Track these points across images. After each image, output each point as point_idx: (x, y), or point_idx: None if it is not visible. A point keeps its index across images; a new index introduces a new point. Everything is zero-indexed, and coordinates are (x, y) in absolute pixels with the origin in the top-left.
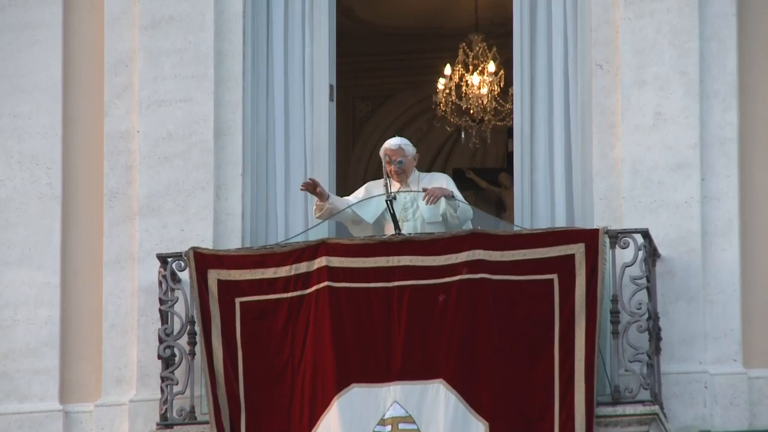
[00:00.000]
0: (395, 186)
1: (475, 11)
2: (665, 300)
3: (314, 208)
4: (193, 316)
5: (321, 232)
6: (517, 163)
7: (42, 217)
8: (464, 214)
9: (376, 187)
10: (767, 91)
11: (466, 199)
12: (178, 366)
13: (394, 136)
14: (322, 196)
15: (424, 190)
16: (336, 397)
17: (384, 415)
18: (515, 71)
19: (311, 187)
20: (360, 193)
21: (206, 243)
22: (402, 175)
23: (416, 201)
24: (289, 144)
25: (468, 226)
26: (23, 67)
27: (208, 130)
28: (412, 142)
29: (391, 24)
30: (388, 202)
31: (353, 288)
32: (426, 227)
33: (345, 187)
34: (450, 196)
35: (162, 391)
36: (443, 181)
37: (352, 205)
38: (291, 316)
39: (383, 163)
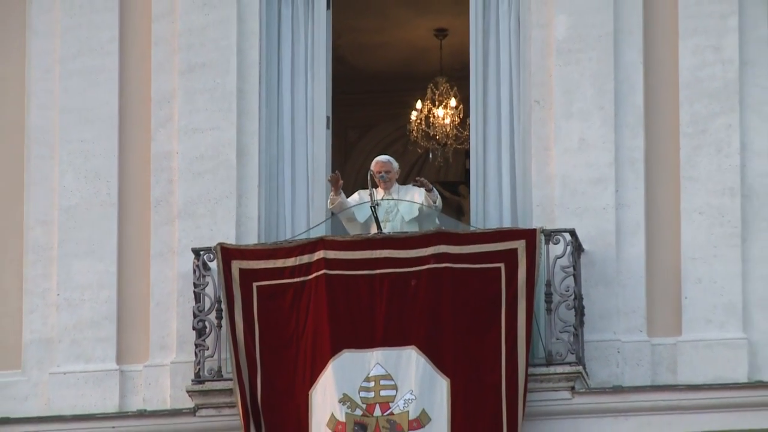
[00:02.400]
0: (380, 194)
1: (440, 59)
2: (587, 284)
3: (329, 200)
4: (219, 297)
5: (320, 231)
6: (473, 177)
7: (102, 219)
8: (433, 211)
9: (366, 195)
10: (667, 123)
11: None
12: (208, 335)
13: (380, 155)
14: (337, 191)
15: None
16: (331, 360)
17: (368, 374)
18: (471, 106)
19: (335, 180)
20: (355, 197)
21: (230, 240)
22: (388, 184)
23: (397, 206)
24: (295, 163)
25: (435, 226)
26: (88, 103)
27: (232, 152)
28: (396, 164)
29: (375, 69)
30: (372, 207)
31: (345, 275)
32: (405, 225)
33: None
34: (430, 189)
35: (196, 355)
36: (416, 192)
37: (353, 206)
38: (296, 296)
39: (368, 177)
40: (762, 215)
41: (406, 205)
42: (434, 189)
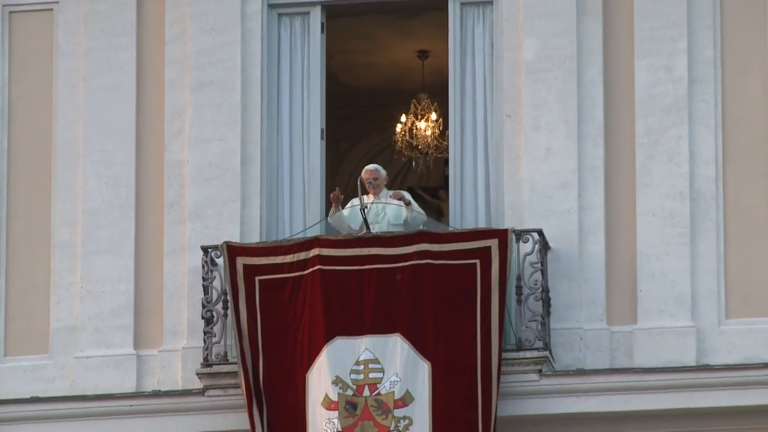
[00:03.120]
0: (371, 198)
1: (422, 77)
2: (553, 278)
3: (330, 211)
4: (225, 290)
5: (315, 231)
6: (451, 183)
7: (121, 220)
8: (419, 218)
9: (357, 201)
10: (624, 134)
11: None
12: (215, 324)
13: (369, 164)
14: (336, 207)
15: (395, 194)
16: (325, 346)
17: (358, 358)
18: (450, 119)
19: (335, 197)
20: (351, 204)
21: (235, 238)
22: (376, 189)
23: (385, 209)
24: (293, 170)
25: (419, 227)
26: (109, 117)
27: (236, 160)
28: (383, 168)
29: (364, 86)
30: (362, 210)
31: (337, 270)
32: (391, 227)
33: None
34: (407, 203)
35: (204, 341)
36: (403, 194)
37: (347, 208)
38: (294, 289)
39: (359, 183)
40: (708, 216)
41: (392, 209)
42: (412, 201)
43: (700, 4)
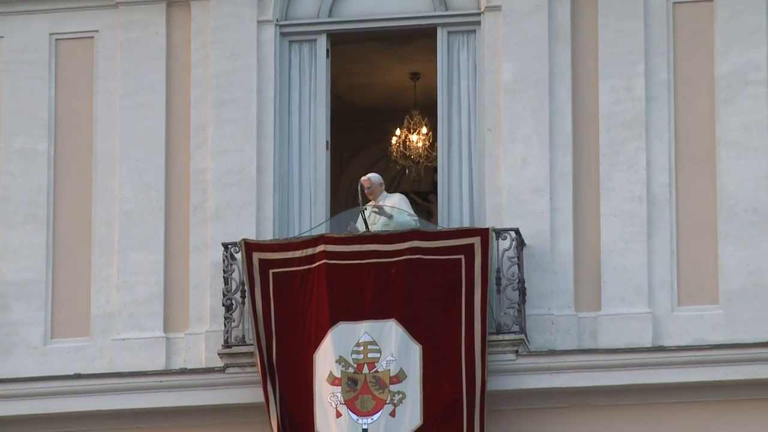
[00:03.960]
0: (370, 202)
1: (414, 96)
2: (528, 271)
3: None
4: (243, 281)
5: (320, 230)
6: (439, 188)
7: (152, 221)
8: (407, 225)
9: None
10: (589, 145)
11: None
12: (234, 310)
13: (367, 173)
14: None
15: (377, 208)
16: (330, 330)
17: (359, 341)
18: (439, 132)
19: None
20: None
21: (251, 236)
22: (372, 194)
23: (380, 212)
24: (302, 177)
25: (410, 226)
26: (142, 131)
27: (253, 169)
28: (381, 177)
29: (364, 104)
30: (361, 213)
31: (340, 264)
32: (385, 227)
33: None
34: (389, 216)
35: (225, 325)
36: (396, 198)
37: (353, 222)
38: (303, 280)
39: (359, 188)
40: (663, 217)
41: (394, 215)
42: (392, 214)
43: (656, 34)
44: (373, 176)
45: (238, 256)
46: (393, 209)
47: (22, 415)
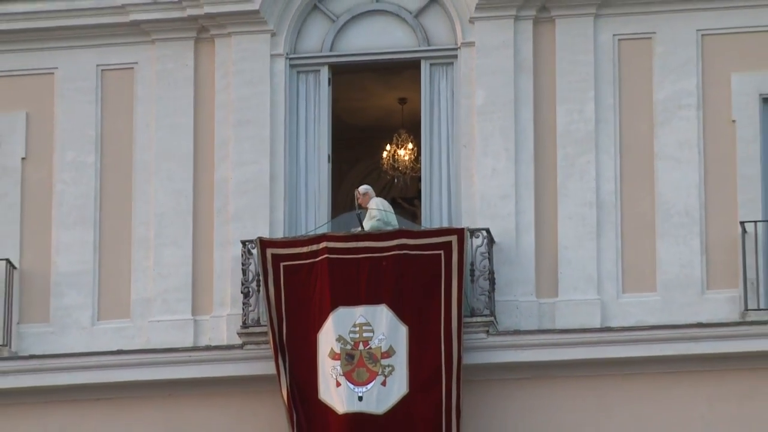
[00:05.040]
0: (375, 207)
1: (402, 117)
2: (497, 264)
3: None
4: (259, 272)
5: (323, 230)
6: (423, 194)
7: (182, 222)
8: (386, 225)
9: (373, 203)
10: (549, 159)
11: (396, 213)
12: (251, 297)
13: (362, 184)
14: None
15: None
16: (331, 313)
17: (355, 322)
18: (422, 148)
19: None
20: (372, 205)
21: (265, 235)
22: (363, 201)
23: (369, 214)
24: (307, 185)
25: (396, 226)
26: (173, 146)
27: (266, 178)
28: (370, 185)
29: (360, 124)
30: (357, 216)
31: (340, 258)
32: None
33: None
34: (374, 218)
35: (243, 309)
36: (374, 202)
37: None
38: (309, 272)
39: (355, 196)
40: (610, 219)
41: (383, 216)
42: (376, 213)
43: (604, 65)
44: (363, 188)
45: (255, 251)
46: (377, 210)
47: (74, 384)
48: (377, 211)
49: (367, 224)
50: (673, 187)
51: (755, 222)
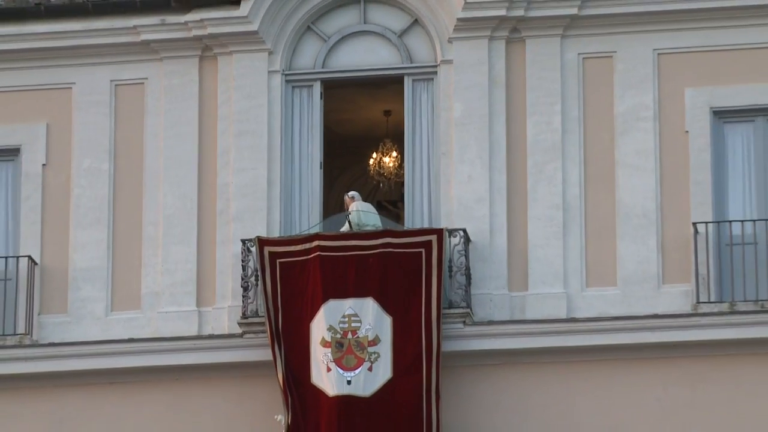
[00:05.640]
0: (355, 208)
1: (386, 128)
2: (473, 261)
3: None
4: (257, 268)
5: (315, 230)
6: (406, 198)
7: (188, 222)
8: (367, 225)
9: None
10: (520, 166)
11: (381, 215)
12: (250, 291)
13: (350, 189)
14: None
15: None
16: (322, 305)
17: (344, 313)
18: (406, 156)
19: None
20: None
21: (263, 234)
22: (350, 204)
23: (356, 216)
24: (302, 190)
25: (378, 226)
26: (180, 154)
27: (264, 183)
28: (358, 190)
29: (348, 134)
30: (346, 217)
31: (330, 255)
32: (363, 227)
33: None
34: (353, 221)
35: (243, 302)
36: (354, 205)
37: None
38: (303, 268)
39: (344, 200)
40: (574, 221)
41: (369, 219)
42: (352, 216)
43: (569, 81)
44: (351, 193)
45: (253, 249)
46: (354, 212)
47: (89, 369)
48: (354, 213)
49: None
50: (632, 191)
51: (706, 223)
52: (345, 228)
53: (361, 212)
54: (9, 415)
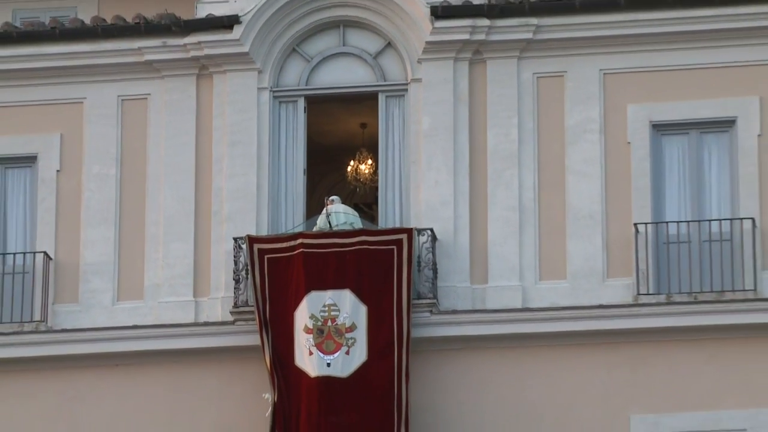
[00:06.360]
0: (333, 210)
1: (362, 138)
2: (439, 257)
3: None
4: (247, 263)
5: (299, 229)
6: (380, 201)
7: (186, 222)
8: (355, 224)
9: (324, 213)
10: (480, 172)
11: (360, 216)
12: (241, 283)
13: (330, 193)
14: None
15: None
16: (305, 296)
17: (325, 303)
18: (380, 164)
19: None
20: (323, 214)
21: (252, 232)
22: (329, 206)
23: (336, 217)
24: (288, 194)
25: (359, 226)
26: (179, 161)
27: (254, 187)
28: (337, 194)
29: (329, 143)
30: (327, 218)
31: (313, 252)
32: (342, 227)
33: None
34: (330, 221)
35: (234, 293)
36: (333, 208)
37: (319, 224)
38: (288, 263)
39: (325, 202)
40: (529, 222)
41: (348, 218)
42: (332, 216)
43: (525, 97)
44: (332, 197)
45: (244, 246)
46: (339, 213)
47: (98, 352)
48: (331, 215)
49: (321, 220)
50: (580, 195)
51: (646, 224)
52: (317, 226)
53: (333, 213)
54: (26, 393)
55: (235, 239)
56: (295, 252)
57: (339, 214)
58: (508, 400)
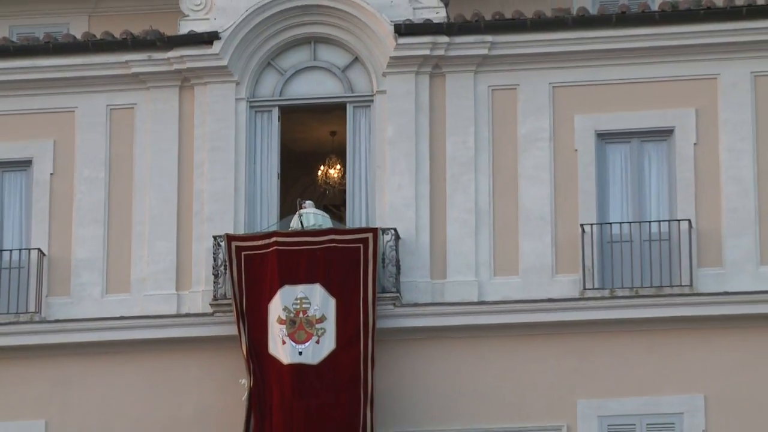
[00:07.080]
0: (305, 211)
1: (332, 145)
2: (402, 255)
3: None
4: (225, 259)
5: (273, 228)
6: (348, 203)
7: (169, 222)
8: (325, 224)
9: (297, 214)
10: (440, 177)
11: (330, 217)
12: (220, 278)
13: (302, 196)
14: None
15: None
16: (279, 289)
17: (297, 297)
18: (348, 169)
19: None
20: (296, 216)
21: (230, 231)
22: (301, 208)
23: (308, 218)
24: (262, 195)
25: (329, 225)
26: (163, 166)
27: (232, 190)
28: (309, 198)
29: (301, 149)
30: (299, 219)
31: (286, 249)
32: (312, 227)
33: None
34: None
35: (214, 287)
36: (313, 211)
37: (293, 222)
38: (263, 259)
39: (297, 204)
40: (485, 222)
41: (318, 219)
42: (310, 218)
43: (481, 108)
44: (307, 202)
45: (223, 244)
46: (310, 215)
47: (88, 341)
48: (303, 216)
49: (294, 221)
50: (531, 198)
51: (591, 224)
52: (291, 226)
53: (304, 215)
54: (21, 378)
55: (215, 237)
56: (269, 249)
57: (309, 215)
58: (465, 386)
